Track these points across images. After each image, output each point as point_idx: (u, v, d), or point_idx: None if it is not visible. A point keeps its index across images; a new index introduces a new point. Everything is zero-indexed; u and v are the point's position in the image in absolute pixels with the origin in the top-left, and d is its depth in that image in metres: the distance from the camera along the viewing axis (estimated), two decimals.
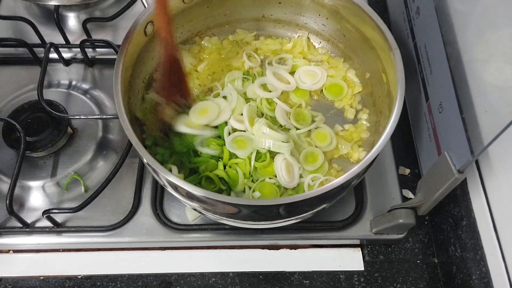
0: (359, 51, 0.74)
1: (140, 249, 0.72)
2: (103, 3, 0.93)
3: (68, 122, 0.76)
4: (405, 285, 0.70)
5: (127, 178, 0.74)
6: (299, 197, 0.53)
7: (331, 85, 0.76)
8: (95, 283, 0.69)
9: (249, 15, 0.80)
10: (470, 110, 0.54)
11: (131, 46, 0.64)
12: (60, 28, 0.84)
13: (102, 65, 0.86)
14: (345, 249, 0.72)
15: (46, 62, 0.80)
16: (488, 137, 0.50)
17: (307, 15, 0.78)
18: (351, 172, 0.55)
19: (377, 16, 0.65)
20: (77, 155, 0.75)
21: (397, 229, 0.68)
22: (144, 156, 0.56)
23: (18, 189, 0.70)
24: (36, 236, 0.70)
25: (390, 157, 0.76)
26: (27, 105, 0.76)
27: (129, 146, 0.71)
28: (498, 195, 0.58)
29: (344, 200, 0.72)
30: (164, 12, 0.60)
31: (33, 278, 0.70)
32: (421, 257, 0.72)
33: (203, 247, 0.72)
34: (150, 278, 0.70)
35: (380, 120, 0.70)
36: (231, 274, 0.70)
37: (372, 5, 0.67)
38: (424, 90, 0.69)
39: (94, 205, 0.68)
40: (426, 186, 0.63)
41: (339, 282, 0.70)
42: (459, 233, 0.65)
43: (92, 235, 0.70)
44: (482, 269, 0.60)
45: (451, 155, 0.57)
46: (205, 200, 0.55)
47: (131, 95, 0.67)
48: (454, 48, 0.58)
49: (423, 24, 0.69)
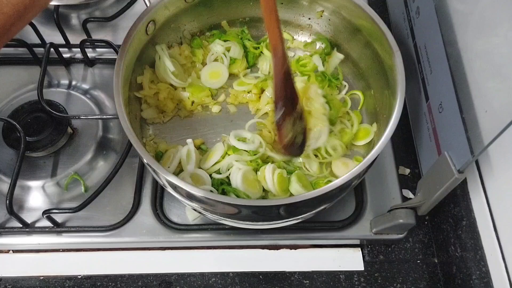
0: (361, 53, 0.74)
1: (140, 249, 0.72)
2: (103, 3, 0.93)
3: (68, 122, 0.76)
4: (405, 285, 0.70)
5: (127, 178, 0.73)
6: (299, 198, 0.53)
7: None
8: (95, 283, 0.69)
9: (251, 15, 0.80)
10: (470, 110, 0.54)
11: (131, 45, 0.64)
12: (60, 28, 0.84)
13: (102, 65, 0.86)
14: (345, 249, 0.72)
15: (46, 62, 0.80)
16: (488, 137, 0.50)
17: (309, 16, 0.78)
18: (351, 172, 0.55)
19: (379, 17, 0.65)
20: (77, 155, 0.75)
21: (397, 229, 0.68)
22: (144, 156, 0.56)
23: (18, 189, 0.70)
24: (36, 236, 0.70)
25: (390, 157, 0.76)
26: (27, 105, 0.76)
27: (129, 146, 0.71)
28: (498, 195, 0.58)
29: (344, 200, 0.72)
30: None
31: (33, 278, 0.70)
32: (421, 257, 0.72)
33: (203, 247, 0.72)
34: (150, 278, 0.70)
35: (380, 121, 0.70)
36: (231, 274, 0.70)
37: (372, 5, 0.67)
38: (424, 90, 0.69)
39: (94, 205, 0.68)
40: (426, 186, 0.63)
41: (339, 282, 0.70)
42: (459, 233, 0.65)
43: (92, 235, 0.70)
44: (482, 269, 0.60)
45: (451, 155, 0.57)
46: (205, 201, 0.55)
47: (131, 95, 0.68)
48: (454, 48, 0.58)
49: (423, 24, 0.69)
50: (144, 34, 0.66)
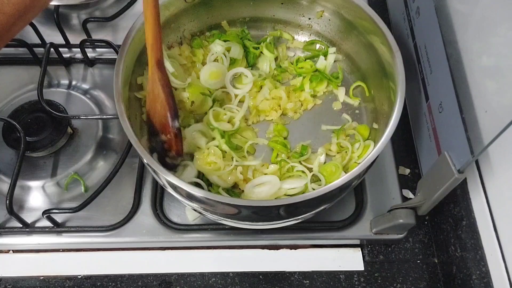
0: (361, 53, 0.74)
1: (140, 249, 0.72)
2: (103, 3, 0.93)
3: (68, 122, 0.76)
4: (405, 285, 0.70)
5: (127, 178, 0.73)
6: (299, 198, 0.53)
7: None
8: (95, 283, 0.69)
9: (251, 15, 0.80)
10: (470, 110, 0.54)
11: (132, 45, 0.64)
12: (60, 28, 0.84)
13: (102, 65, 0.86)
14: (345, 249, 0.72)
15: (46, 62, 0.80)
16: (488, 137, 0.50)
17: (309, 16, 0.78)
18: (351, 173, 0.55)
19: (379, 18, 0.65)
20: (77, 155, 0.75)
21: (397, 229, 0.68)
22: (144, 157, 0.56)
23: (18, 189, 0.70)
24: (36, 236, 0.70)
25: (390, 157, 0.76)
26: (27, 105, 0.76)
27: (129, 146, 0.71)
28: (498, 195, 0.58)
29: (344, 200, 0.72)
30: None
31: (33, 278, 0.70)
32: (421, 257, 0.72)
33: (203, 247, 0.72)
34: (150, 278, 0.70)
35: (380, 120, 0.70)
36: (231, 274, 0.70)
37: (372, 5, 0.67)
38: (424, 90, 0.69)
39: (94, 205, 0.68)
40: (426, 186, 0.63)
41: (339, 282, 0.70)
42: (459, 233, 0.65)
43: (92, 235, 0.70)
44: (482, 269, 0.60)
45: (451, 155, 0.57)
46: (205, 201, 0.55)
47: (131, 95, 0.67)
48: (454, 48, 0.58)
49: (423, 24, 0.69)
50: (144, 34, 0.66)
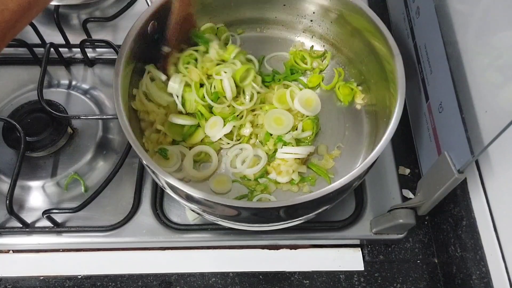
0: (360, 54, 0.74)
1: (140, 249, 0.72)
2: (103, 3, 0.93)
3: (68, 122, 0.76)
4: (405, 285, 0.70)
5: (127, 178, 0.74)
6: (300, 200, 0.53)
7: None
8: (95, 283, 0.69)
9: (252, 16, 0.79)
10: (470, 110, 0.54)
11: (132, 45, 0.64)
12: (60, 28, 0.84)
13: (102, 65, 0.86)
14: (345, 249, 0.72)
15: (46, 62, 0.79)
16: (488, 137, 0.50)
17: (310, 18, 0.77)
18: (352, 174, 0.54)
19: (380, 20, 0.64)
20: (77, 155, 0.75)
21: (397, 229, 0.68)
22: (143, 157, 0.55)
23: (18, 189, 0.70)
24: (36, 236, 0.70)
25: (390, 157, 0.76)
26: (27, 105, 0.76)
27: (129, 146, 0.71)
28: (498, 195, 0.58)
29: (344, 200, 0.72)
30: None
31: (33, 278, 0.70)
32: (421, 257, 0.72)
33: (203, 247, 0.72)
34: (150, 278, 0.70)
35: (380, 121, 0.70)
36: (231, 274, 0.70)
37: (372, 6, 0.67)
38: (424, 90, 0.69)
39: (94, 205, 0.68)
40: (426, 186, 0.63)
41: (339, 282, 0.70)
42: (459, 233, 0.65)
43: (92, 235, 0.70)
44: (482, 269, 0.60)
45: (451, 155, 0.57)
46: (204, 202, 0.55)
47: (131, 95, 0.67)
48: (454, 48, 0.58)
49: (423, 24, 0.69)
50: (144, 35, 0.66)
